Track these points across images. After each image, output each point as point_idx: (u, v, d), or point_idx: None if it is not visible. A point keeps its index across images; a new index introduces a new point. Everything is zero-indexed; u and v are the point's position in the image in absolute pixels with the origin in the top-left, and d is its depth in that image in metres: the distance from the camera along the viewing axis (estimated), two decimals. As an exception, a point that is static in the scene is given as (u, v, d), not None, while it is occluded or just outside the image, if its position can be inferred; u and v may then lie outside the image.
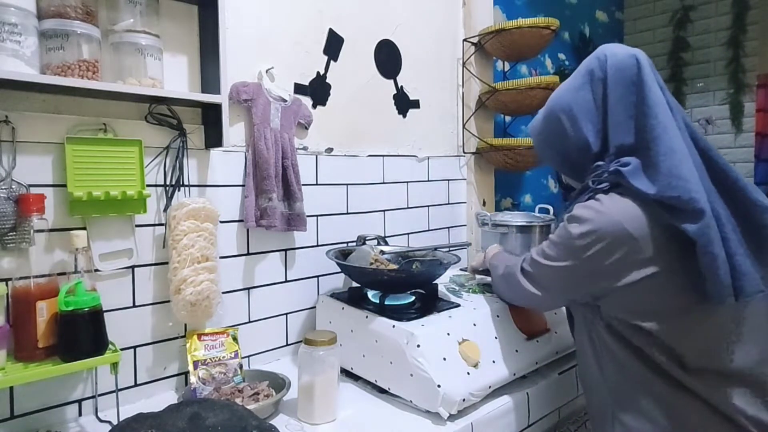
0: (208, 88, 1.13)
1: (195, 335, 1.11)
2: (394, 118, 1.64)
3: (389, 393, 1.10)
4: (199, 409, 0.78)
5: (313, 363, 0.99)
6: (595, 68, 0.92)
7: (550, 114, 0.98)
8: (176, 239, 1.06)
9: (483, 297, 1.33)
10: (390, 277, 1.22)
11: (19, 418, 0.94)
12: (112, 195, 0.99)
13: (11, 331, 0.88)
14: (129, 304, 1.08)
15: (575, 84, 0.95)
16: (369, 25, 1.54)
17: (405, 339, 1.05)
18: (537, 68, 2.36)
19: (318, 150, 1.42)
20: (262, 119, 1.24)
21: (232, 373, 1.10)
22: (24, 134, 0.94)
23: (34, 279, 0.89)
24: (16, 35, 0.85)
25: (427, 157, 1.75)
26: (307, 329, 1.37)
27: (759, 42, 2.66)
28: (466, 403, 1.02)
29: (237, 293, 1.25)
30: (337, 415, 1.02)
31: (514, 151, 1.74)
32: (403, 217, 1.67)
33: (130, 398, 1.08)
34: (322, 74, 1.42)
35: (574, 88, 0.95)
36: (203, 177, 1.18)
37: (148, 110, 1.08)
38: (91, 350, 0.90)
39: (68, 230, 0.95)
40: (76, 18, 0.92)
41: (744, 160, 2.74)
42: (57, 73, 0.90)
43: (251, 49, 1.26)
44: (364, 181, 1.54)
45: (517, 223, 1.62)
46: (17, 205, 0.90)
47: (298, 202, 1.29)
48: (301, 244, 1.38)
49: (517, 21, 1.66)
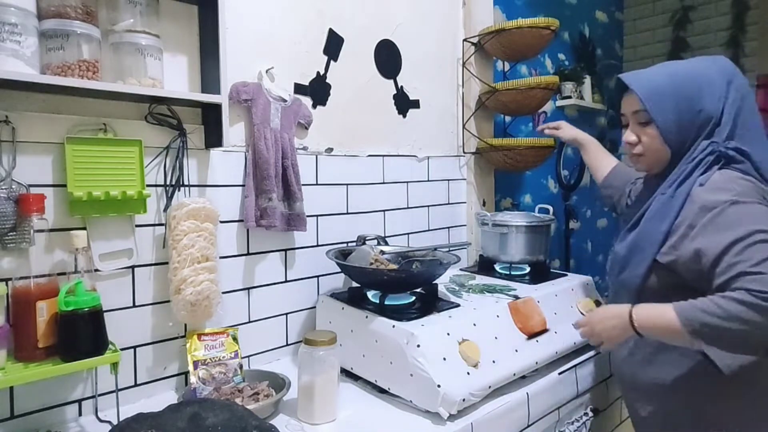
0: (208, 88, 1.13)
1: (195, 335, 1.11)
2: (394, 118, 1.64)
3: (389, 393, 1.10)
4: (199, 409, 0.78)
5: (313, 363, 0.99)
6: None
7: (694, 79, 1.01)
8: (176, 239, 1.06)
9: (483, 297, 1.33)
10: (390, 277, 1.22)
11: (19, 418, 0.94)
12: (112, 195, 0.99)
13: (11, 331, 0.88)
14: (129, 304, 1.08)
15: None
16: (369, 25, 1.54)
17: (405, 339, 1.05)
18: (537, 68, 2.36)
19: (318, 150, 1.42)
20: (262, 119, 1.24)
21: (232, 373, 1.10)
22: (24, 134, 0.94)
23: (34, 279, 0.89)
24: (16, 35, 0.85)
25: (427, 157, 1.75)
26: (307, 329, 1.37)
27: (759, 42, 2.66)
28: (466, 403, 1.02)
29: (237, 293, 1.25)
30: (337, 415, 1.02)
31: (514, 151, 1.74)
32: (403, 217, 1.67)
33: (130, 398, 1.08)
34: (322, 74, 1.42)
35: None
36: (203, 177, 1.18)
37: (148, 110, 1.08)
38: (91, 350, 0.90)
39: (68, 230, 0.96)
40: (76, 18, 0.92)
41: (744, 160, 2.74)
42: (57, 73, 0.90)
43: (251, 49, 1.26)
44: (364, 181, 1.54)
45: (517, 223, 1.62)
46: (17, 205, 0.90)
47: (298, 202, 1.29)
48: (301, 244, 1.38)
49: (517, 21, 1.66)
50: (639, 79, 1.03)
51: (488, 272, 1.67)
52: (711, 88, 0.98)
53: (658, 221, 0.99)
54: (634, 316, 0.94)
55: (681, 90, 0.99)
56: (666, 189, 1.00)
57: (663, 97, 0.99)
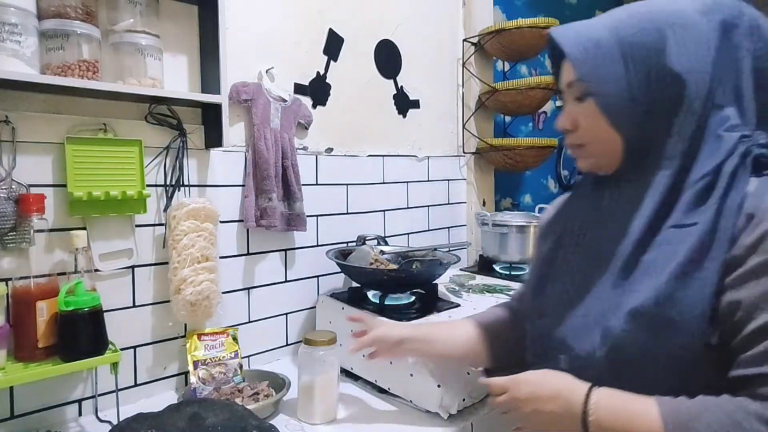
0: (208, 88, 1.13)
1: (195, 335, 1.11)
2: (394, 118, 1.64)
3: (389, 393, 1.10)
4: (199, 409, 0.78)
5: (313, 363, 0.99)
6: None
7: (653, 22, 0.66)
8: (176, 239, 1.06)
9: (483, 297, 1.33)
10: (390, 277, 1.22)
11: (19, 418, 0.94)
12: (112, 195, 0.99)
13: (11, 331, 0.88)
14: (129, 304, 1.08)
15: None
16: (369, 25, 1.54)
17: (405, 339, 1.05)
18: (537, 68, 2.36)
19: (318, 150, 1.42)
20: (262, 119, 1.24)
21: (232, 373, 1.10)
22: (24, 134, 0.94)
23: (34, 279, 0.89)
24: (16, 35, 0.85)
25: (427, 157, 1.75)
26: (307, 329, 1.37)
27: (759, 42, 2.66)
28: (465, 403, 1.02)
29: (237, 293, 1.25)
30: (337, 415, 1.02)
31: (514, 151, 1.74)
32: (403, 217, 1.67)
33: (130, 398, 1.08)
34: (322, 74, 1.42)
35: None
36: (203, 177, 1.18)
37: (148, 110, 1.08)
38: (91, 350, 0.90)
39: (68, 230, 0.96)
40: (76, 18, 0.92)
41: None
42: (57, 73, 0.90)
43: (251, 49, 1.26)
44: (364, 181, 1.54)
45: (517, 223, 1.62)
46: (17, 205, 0.90)
47: (298, 202, 1.29)
48: (301, 244, 1.38)
49: (516, 21, 1.66)
50: (570, 32, 0.69)
51: (488, 272, 1.67)
52: (686, 33, 0.61)
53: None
54: (592, 410, 0.60)
55: (631, 40, 0.63)
56: (682, 218, 0.61)
57: (602, 54, 0.64)
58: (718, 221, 0.57)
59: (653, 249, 0.61)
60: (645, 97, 0.63)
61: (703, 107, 0.61)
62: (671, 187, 0.62)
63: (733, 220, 0.57)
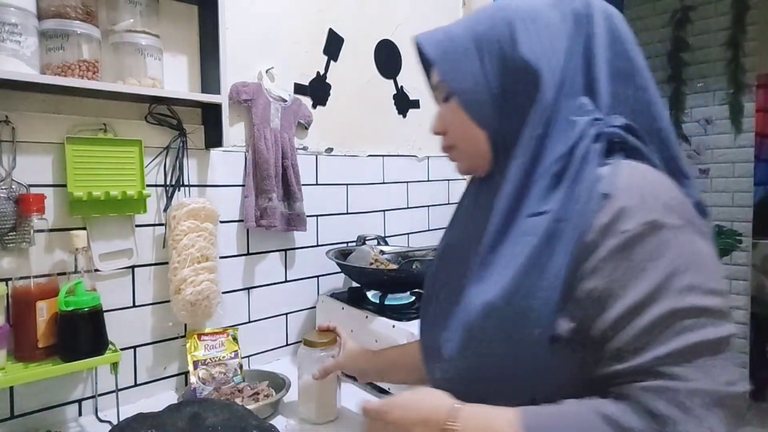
0: (208, 88, 1.13)
1: (195, 335, 1.11)
2: (394, 118, 1.64)
3: (389, 393, 1.10)
4: (199, 409, 0.78)
5: (313, 363, 0.99)
6: None
7: (503, 16, 0.68)
8: (176, 239, 1.06)
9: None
10: (390, 277, 1.22)
11: (19, 418, 0.94)
12: (112, 195, 0.99)
13: (11, 331, 0.88)
14: (129, 304, 1.08)
15: None
16: (369, 25, 1.54)
17: (405, 339, 1.05)
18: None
19: (318, 150, 1.42)
20: (262, 119, 1.24)
21: (232, 373, 1.10)
22: (24, 134, 0.94)
23: (34, 279, 0.89)
24: (16, 35, 0.85)
25: (427, 157, 1.75)
26: (307, 329, 1.37)
27: (758, 42, 2.67)
28: (466, 403, 1.02)
29: (237, 293, 1.25)
30: (337, 415, 1.02)
31: (514, 151, 1.73)
32: (403, 217, 1.67)
33: (130, 398, 1.08)
34: (322, 74, 1.42)
35: None
36: (203, 177, 1.18)
37: (148, 110, 1.08)
38: (91, 350, 0.90)
39: (68, 230, 0.95)
40: (76, 18, 0.92)
41: (744, 160, 2.74)
42: (57, 73, 0.90)
43: (251, 49, 1.26)
44: (364, 181, 1.54)
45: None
46: (17, 205, 0.90)
47: (298, 202, 1.29)
48: (301, 244, 1.38)
49: (516, 21, 1.66)
50: (433, 36, 0.67)
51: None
52: (536, 24, 0.61)
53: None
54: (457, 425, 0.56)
55: (484, 35, 0.63)
56: (535, 207, 0.58)
57: (459, 51, 0.64)
58: (568, 206, 0.55)
59: (509, 240, 0.59)
60: (501, 89, 0.62)
61: (557, 96, 0.59)
62: (525, 175, 0.60)
63: (585, 204, 0.54)
